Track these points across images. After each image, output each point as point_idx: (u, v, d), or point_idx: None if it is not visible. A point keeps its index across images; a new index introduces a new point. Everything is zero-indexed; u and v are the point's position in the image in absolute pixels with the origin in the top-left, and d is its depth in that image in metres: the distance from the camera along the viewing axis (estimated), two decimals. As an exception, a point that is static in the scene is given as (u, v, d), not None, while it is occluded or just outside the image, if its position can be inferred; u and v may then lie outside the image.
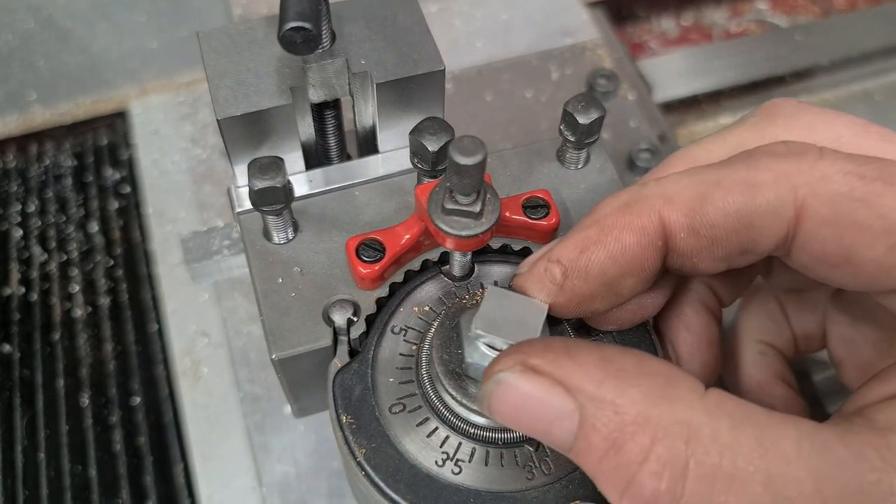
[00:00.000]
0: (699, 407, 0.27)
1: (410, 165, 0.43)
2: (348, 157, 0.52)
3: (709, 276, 0.40)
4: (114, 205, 0.80)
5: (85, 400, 0.69)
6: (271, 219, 0.43)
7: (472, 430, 0.38)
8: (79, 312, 0.73)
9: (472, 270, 0.44)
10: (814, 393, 0.57)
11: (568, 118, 0.45)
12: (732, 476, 0.26)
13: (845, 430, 0.27)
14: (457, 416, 0.38)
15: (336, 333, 0.42)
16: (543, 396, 0.28)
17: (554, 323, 0.38)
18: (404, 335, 0.42)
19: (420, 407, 0.40)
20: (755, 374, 0.43)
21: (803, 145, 0.31)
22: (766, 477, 0.26)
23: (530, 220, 0.43)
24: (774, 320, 0.44)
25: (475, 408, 0.37)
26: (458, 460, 0.38)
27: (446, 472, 0.38)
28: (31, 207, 0.80)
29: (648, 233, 0.31)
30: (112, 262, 0.76)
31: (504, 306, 0.33)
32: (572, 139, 0.45)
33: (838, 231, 0.29)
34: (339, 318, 0.42)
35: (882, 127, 0.34)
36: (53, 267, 0.76)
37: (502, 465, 0.38)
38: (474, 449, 0.38)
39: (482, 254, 0.44)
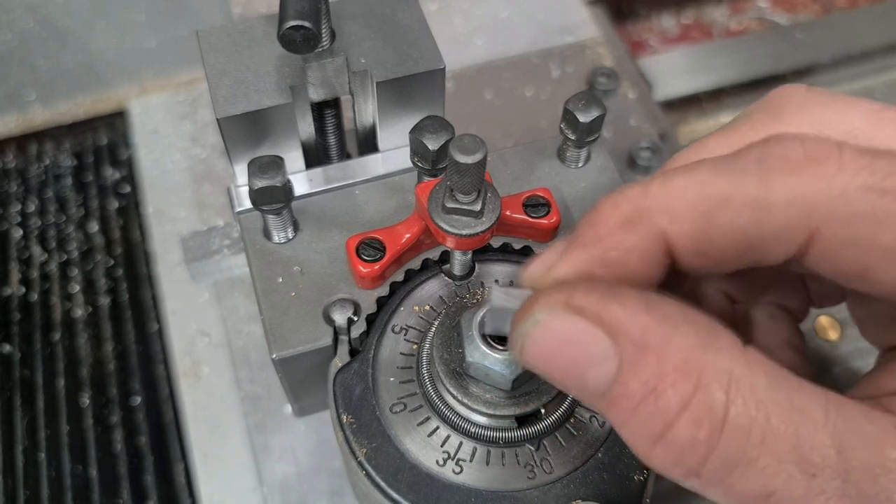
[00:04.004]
0: (740, 359, 0.26)
1: (411, 164, 0.43)
2: (348, 156, 0.52)
3: (720, 279, 0.39)
4: (114, 204, 0.79)
5: (85, 400, 0.69)
6: (271, 218, 0.43)
7: (474, 430, 0.38)
8: (79, 312, 0.73)
9: (472, 269, 0.44)
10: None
11: (568, 116, 0.44)
12: (766, 432, 0.25)
13: (870, 408, 0.27)
14: (458, 415, 0.38)
15: (336, 333, 0.42)
16: (584, 339, 0.27)
17: None
18: (405, 334, 0.42)
19: (421, 406, 0.39)
20: (763, 339, 0.40)
21: (822, 150, 0.29)
22: (795, 439, 0.25)
23: (531, 219, 0.43)
24: (787, 280, 0.41)
25: (476, 407, 0.37)
26: (459, 460, 0.38)
27: (447, 472, 0.38)
28: (31, 207, 0.80)
29: (654, 253, 0.30)
30: (112, 262, 0.76)
31: (511, 307, 0.32)
32: (573, 137, 0.45)
33: (856, 252, 0.28)
34: (340, 318, 0.42)
35: None
36: (53, 267, 0.76)
37: (503, 465, 0.38)
38: (475, 448, 0.38)
39: (483, 252, 0.44)
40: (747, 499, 0.26)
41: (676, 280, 0.35)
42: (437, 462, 0.38)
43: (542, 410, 0.38)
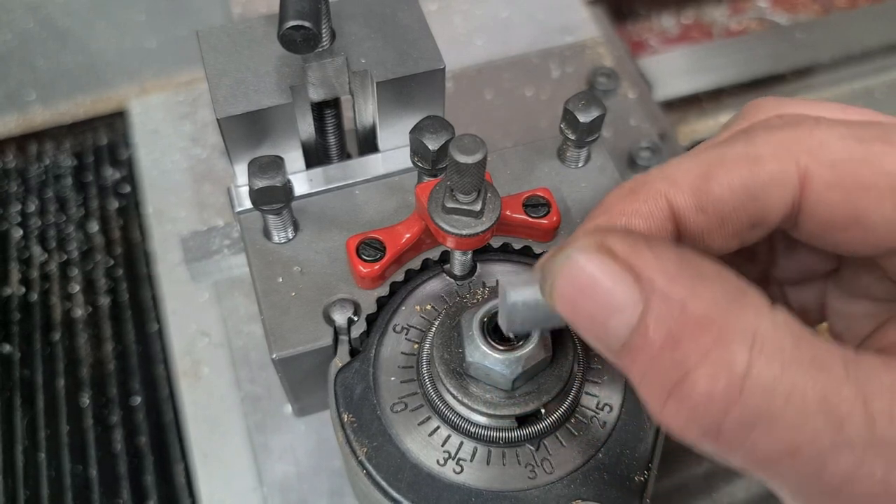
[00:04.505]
0: (768, 318, 0.26)
1: (411, 164, 0.43)
2: (348, 156, 0.52)
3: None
4: (114, 204, 0.79)
5: (85, 400, 0.69)
6: (271, 218, 0.43)
7: (474, 430, 0.38)
8: (79, 312, 0.73)
9: (473, 269, 0.44)
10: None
11: (569, 116, 0.45)
12: (791, 391, 0.25)
13: (885, 360, 0.27)
14: (458, 415, 0.38)
15: (336, 333, 0.42)
16: (611, 281, 0.27)
17: (557, 334, 0.38)
18: (406, 334, 0.42)
19: (421, 406, 0.39)
20: None
21: (798, 116, 0.31)
22: (821, 395, 0.25)
23: (531, 219, 0.43)
24: (770, 295, 0.43)
25: (476, 407, 0.37)
26: (459, 459, 0.38)
27: (448, 472, 0.38)
28: (31, 207, 0.80)
29: (657, 218, 0.31)
30: (112, 262, 0.76)
31: (525, 296, 0.32)
32: (573, 137, 0.45)
33: (844, 193, 0.30)
34: (340, 318, 0.42)
35: (859, 107, 0.34)
36: (53, 267, 0.76)
37: (504, 465, 0.38)
38: (476, 448, 0.38)
39: (483, 252, 0.44)
40: (770, 458, 0.26)
41: None
42: (438, 462, 0.38)
43: (543, 410, 0.38)
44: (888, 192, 0.29)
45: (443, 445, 0.38)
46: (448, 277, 0.44)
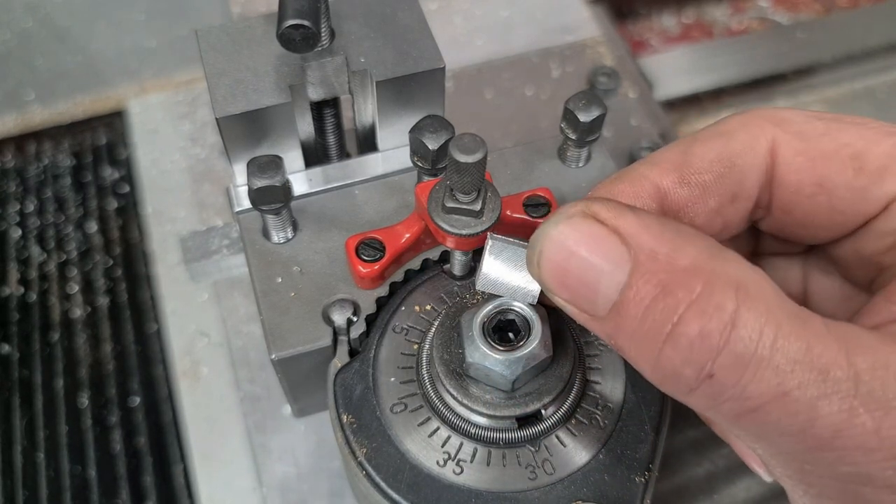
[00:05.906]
0: (750, 271, 0.27)
1: (410, 164, 0.43)
2: (348, 156, 0.52)
3: None
4: (112, 204, 0.79)
5: (84, 400, 0.69)
6: (270, 218, 0.43)
7: (474, 431, 0.38)
8: (78, 312, 0.73)
9: (473, 269, 0.44)
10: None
11: (569, 116, 0.44)
12: (777, 333, 0.26)
13: (863, 328, 0.28)
14: (458, 416, 0.38)
15: (336, 333, 0.42)
16: (599, 244, 0.28)
17: (557, 334, 0.37)
18: (405, 334, 0.42)
19: (421, 407, 0.39)
20: None
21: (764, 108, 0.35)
22: (806, 344, 0.26)
23: (531, 219, 0.43)
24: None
25: (476, 408, 0.37)
26: (459, 460, 0.38)
27: (448, 473, 0.38)
28: (30, 207, 0.80)
29: (641, 197, 0.33)
30: (111, 262, 0.76)
31: (507, 259, 0.33)
32: (573, 137, 0.45)
33: (809, 160, 0.33)
34: (339, 318, 0.42)
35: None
36: (52, 267, 0.76)
37: (504, 466, 0.38)
38: (476, 449, 0.38)
39: (483, 252, 0.44)
40: (762, 400, 0.26)
41: None
42: (438, 462, 0.38)
43: (543, 411, 0.37)
44: (848, 159, 0.32)
45: (443, 446, 0.38)
46: (448, 277, 0.44)
